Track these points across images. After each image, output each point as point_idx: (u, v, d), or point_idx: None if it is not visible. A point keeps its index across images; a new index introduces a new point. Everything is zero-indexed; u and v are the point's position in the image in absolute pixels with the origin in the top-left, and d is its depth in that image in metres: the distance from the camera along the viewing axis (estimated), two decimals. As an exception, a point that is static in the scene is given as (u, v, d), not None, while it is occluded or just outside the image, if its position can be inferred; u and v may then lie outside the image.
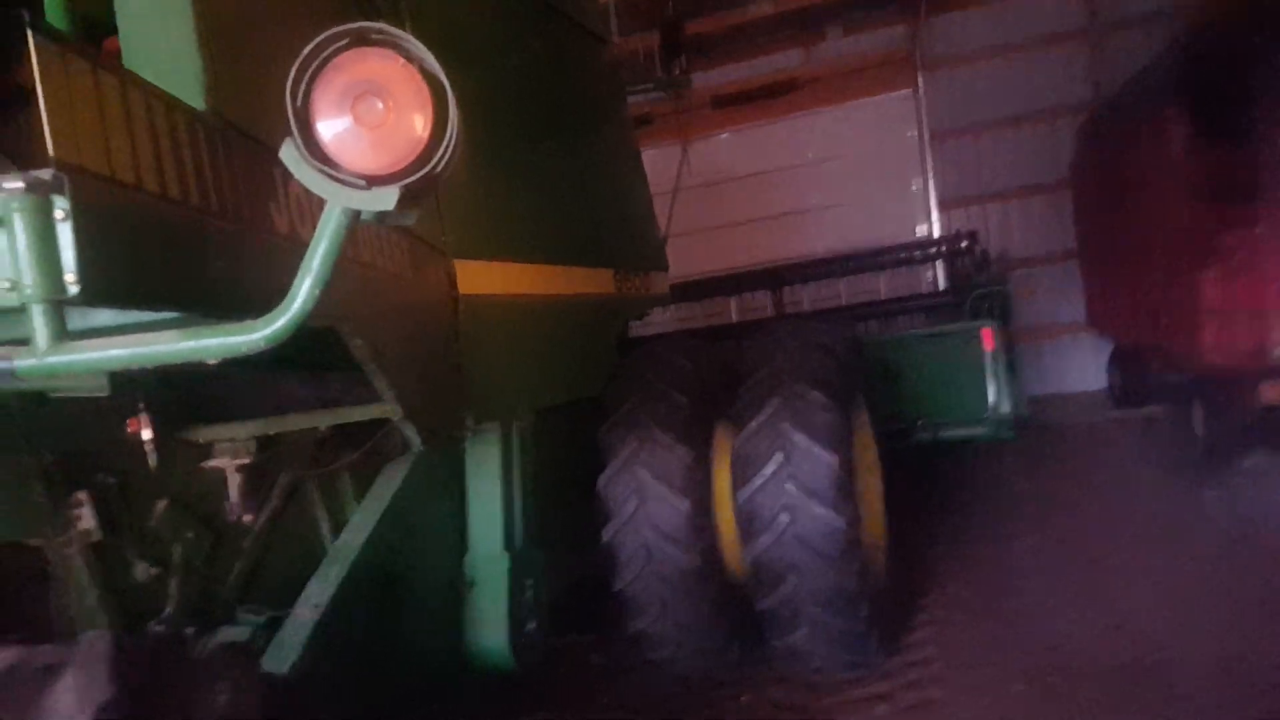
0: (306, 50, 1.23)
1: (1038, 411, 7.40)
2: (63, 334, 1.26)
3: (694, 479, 4.25)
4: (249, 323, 1.30)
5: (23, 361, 1.26)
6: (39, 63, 1.19)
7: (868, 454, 4.76)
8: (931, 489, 7.10)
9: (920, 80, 11.72)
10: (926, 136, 11.77)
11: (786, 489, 4.02)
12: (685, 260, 6.99)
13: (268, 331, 1.28)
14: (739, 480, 4.25)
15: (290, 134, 1.24)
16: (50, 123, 1.19)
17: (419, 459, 3.35)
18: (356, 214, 1.28)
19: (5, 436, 2.28)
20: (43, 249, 1.22)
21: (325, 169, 1.23)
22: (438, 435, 2.64)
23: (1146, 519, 6.26)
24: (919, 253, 8.38)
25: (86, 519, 2.43)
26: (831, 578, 4.03)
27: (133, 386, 2.54)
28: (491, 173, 3.23)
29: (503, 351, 3.29)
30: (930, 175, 11.81)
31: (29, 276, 1.22)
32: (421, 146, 1.24)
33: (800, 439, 4.03)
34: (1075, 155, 10.56)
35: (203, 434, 2.78)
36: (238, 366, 2.76)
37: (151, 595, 2.72)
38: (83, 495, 2.43)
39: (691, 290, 7.73)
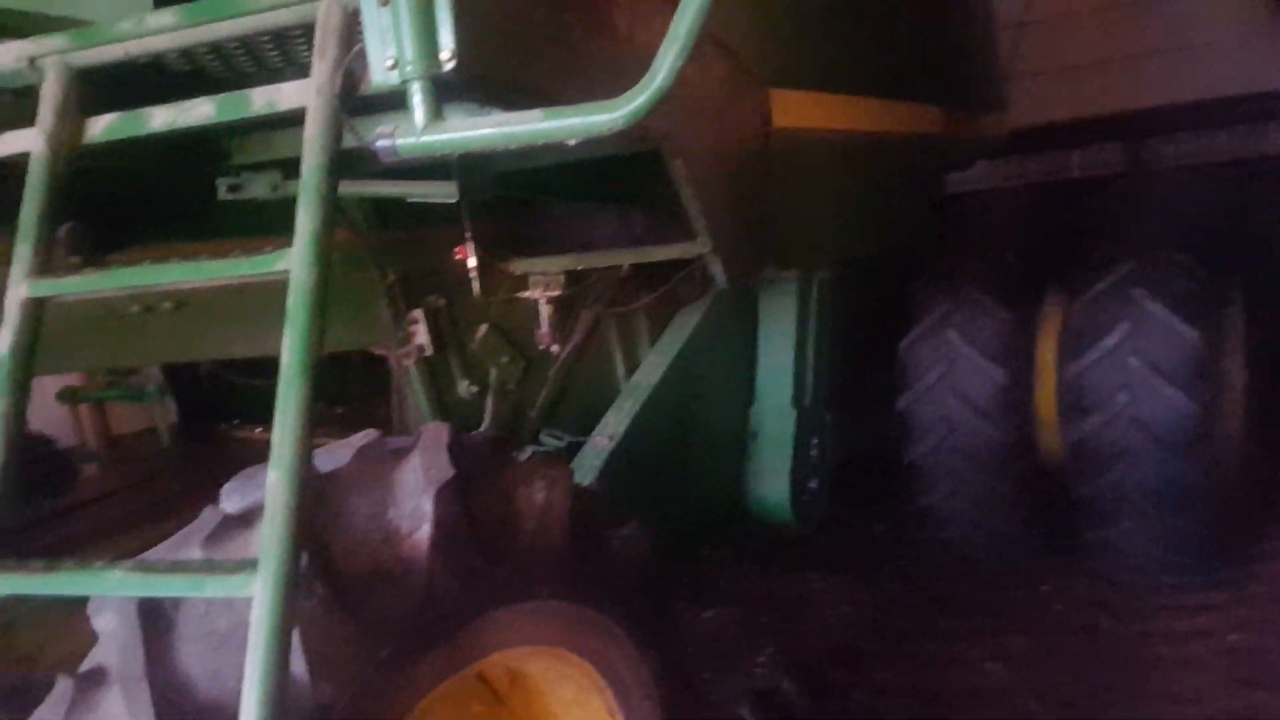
0: None
1: None
2: (438, 114, 1.27)
3: (1013, 347, 3.81)
4: (609, 101, 1.23)
5: (403, 140, 1.29)
6: None
7: (1234, 335, 3.99)
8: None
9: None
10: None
11: (1129, 364, 3.46)
12: (1022, 106, 6.13)
13: (629, 109, 1.22)
14: (1069, 352, 3.74)
15: None
16: None
17: (714, 304, 3.28)
18: None
19: (356, 256, 2.48)
20: (421, 22, 1.22)
21: None
22: (745, 274, 2.51)
23: None
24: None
25: (421, 335, 2.63)
26: (1171, 469, 3.48)
27: (461, 215, 2.65)
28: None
29: (813, 192, 3.03)
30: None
31: (409, 52, 1.24)
32: None
33: (1154, 308, 3.42)
34: None
35: (519, 265, 2.88)
36: (555, 197, 2.81)
37: (471, 411, 2.93)
38: (418, 313, 2.63)
39: (1028, 138, 6.78)
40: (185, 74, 1.71)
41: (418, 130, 1.27)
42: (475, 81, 1.32)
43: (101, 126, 1.40)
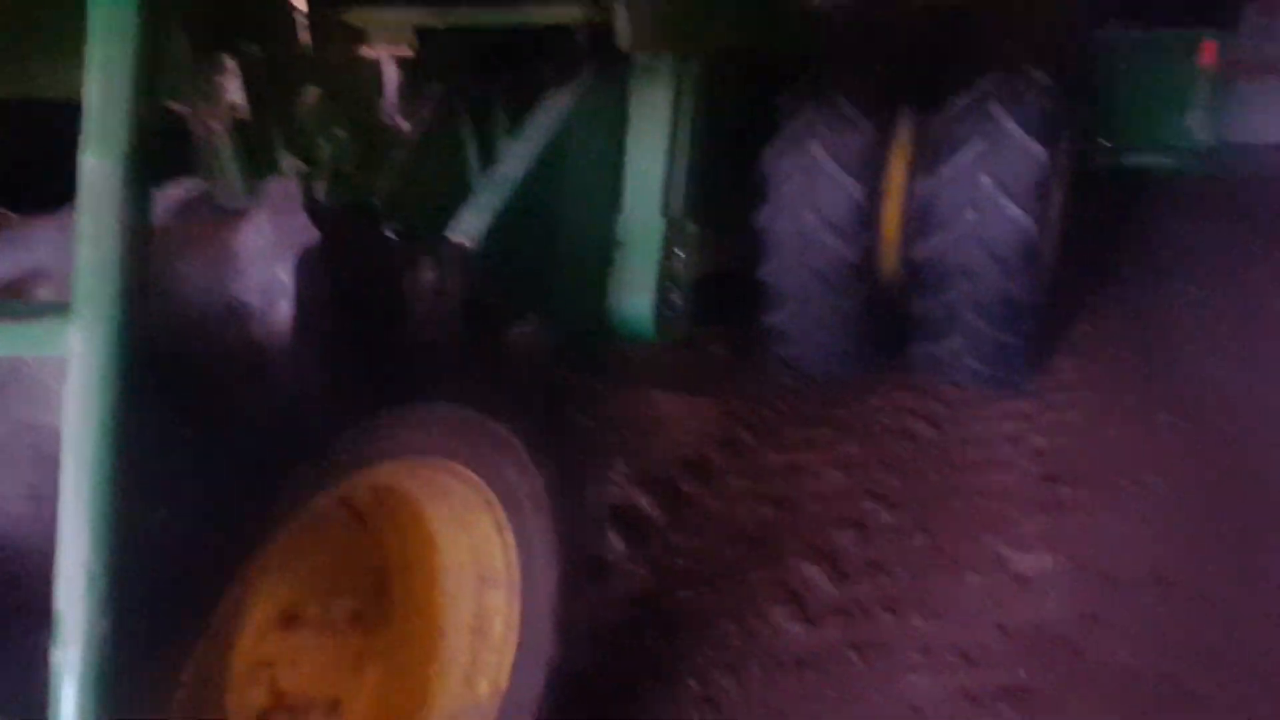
0: None
1: (1234, 154, 6.30)
2: None
3: (870, 162, 3.68)
4: None
5: None
6: None
7: (1063, 160, 4.05)
8: (1101, 215, 6.30)
9: None
10: None
11: (980, 181, 3.42)
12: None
13: None
14: (920, 168, 3.65)
15: None
16: None
17: (585, 91, 2.87)
18: None
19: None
20: None
21: None
22: (646, 44, 2.12)
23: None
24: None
25: (233, 91, 2.03)
26: (1004, 286, 3.55)
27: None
28: None
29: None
30: None
31: None
32: None
33: (1010, 125, 3.36)
34: None
35: (359, 15, 2.29)
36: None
37: (297, 194, 2.39)
38: (229, 63, 2.02)
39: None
40: None
41: None
42: None
43: None
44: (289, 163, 2.27)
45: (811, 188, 3.63)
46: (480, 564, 1.72)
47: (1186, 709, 2.25)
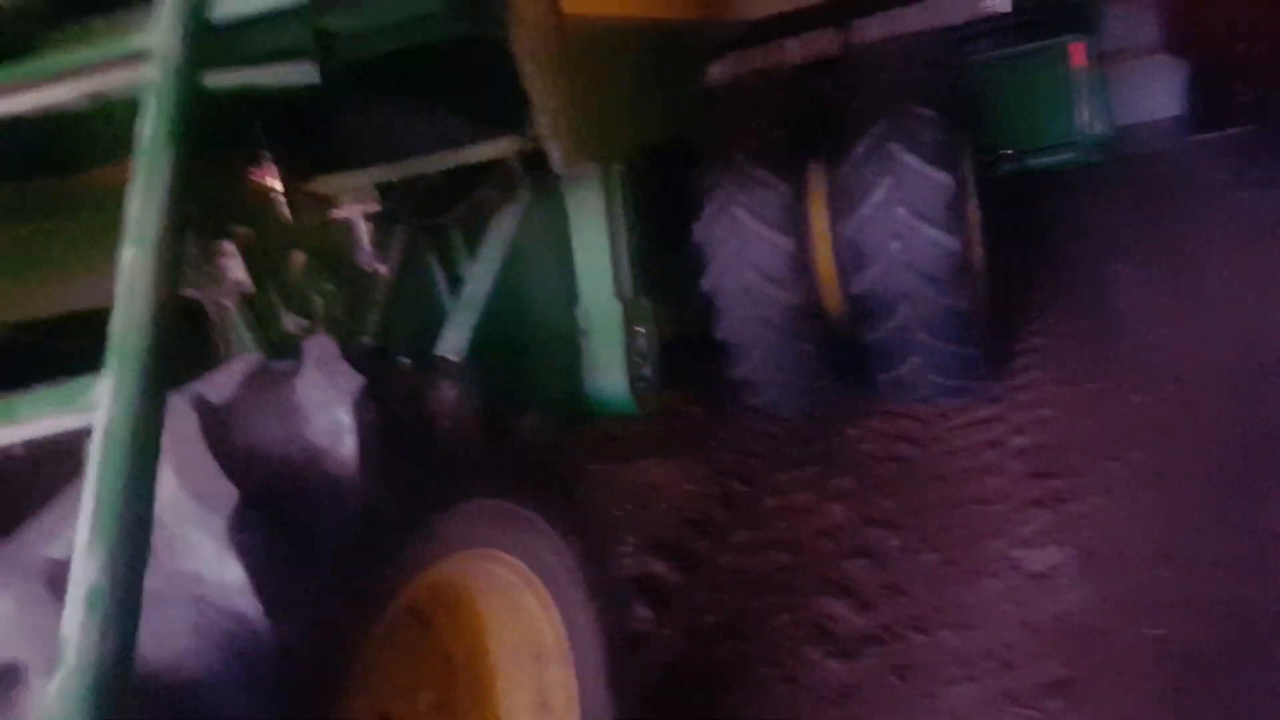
0: None
1: (1120, 138, 6.91)
2: None
3: (793, 217, 4.05)
4: None
5: None
6: None
7: (969, 178, 4.47)
8: (1021, 219, 6.79)
9: None
10: None
11: (897, 214, 3.80)
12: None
13: None
14: (840, 212, 4.03)
15: None
16: None
17: (527, 207, 3.19)
18: None
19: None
20: None
21: None
22: (574, 160, 2.44)
23: (1242, 233, 5.93)
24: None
25: (236, 269, 2.33)
26: (944, 302, 3.89)
27: (256, 135, 2.36)
28: None
29: (603, 80, 3.00)
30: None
31: None
32: None
33: (911, 160, 3.76)
34: None
35: (326, 184, 2.61)
36: (361, 101, 2.58)
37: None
38: (229, 246, 2.31)
39: (756, 32, 7.13)
40: None
41: None
42: None
43: None
44: (290, 320, 2.55)
45: (744, 248, 3.99)
46: (533, 642, 1.93)
47: (1222, 670, 2.30)
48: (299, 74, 1.59)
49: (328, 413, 1.38)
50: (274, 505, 1.29)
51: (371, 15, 1.84)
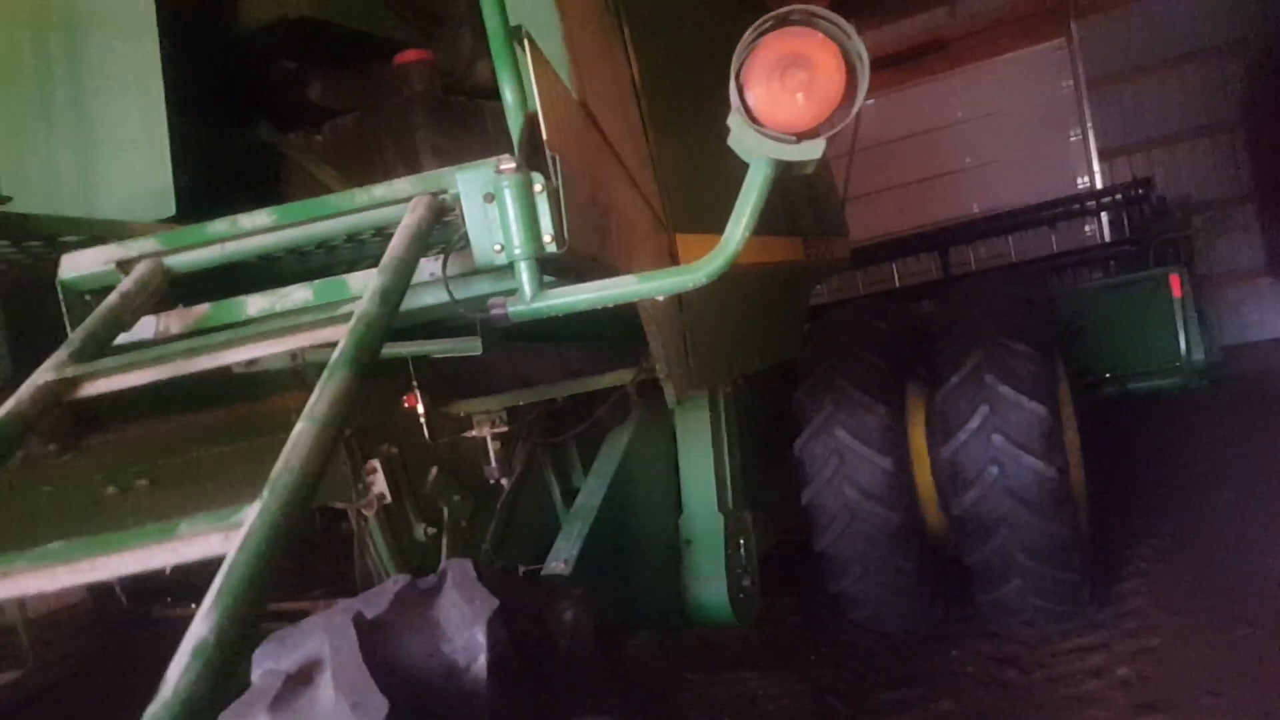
0: (746, 36, 1.39)
1: (1224, 362, 6.85)
2: (542, 284, 1.41)
3: (892, 438, 4.17)
4: (689, 266, 1.47)
5: (515, 307, 1.43)
6: (536, 75, 1.37)
7: (1066, 407, 4.54)
8: (1124, 442, 6.70)
9: (1074, 28, 10.98)
10: (1083, 85, 11.03)
11: (994, 441, 3.88)
12: (857, 226, 6.84)
13: (708, 269, 1.46)
14: (939, 436, 4.14)
15: (733, 103, 1.40)
16: (544, 115, 1.32)
17: (637, 428, 3.45)
18: (778, 165, 1.38)
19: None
20: (527, 216, 1.37)
21: (762, 130, 1.39)
22: (684, 392, 2.70)
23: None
24: (1093, 203, 7.87)
25: (379, 484, 2.62)
26: (1044, 528, 3.87)
27: (408, 367, 2.72)
28: (700, 150, 3.26)
29: (716, 319, 3.32)
30: (1089, 125, 11.06)
31: (516, 239, 1.39)
32: (837, 103, 1.38)
33: (1006, 391, 3.88)
34: (1250, 92, 9.67)
35: (463, 407, 2.94)
36: (496, 344, 2.95)
37: (427, 552, 2.91)
38: (375, 463, 2.63)
39: (861, 256, 7.59)
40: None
41: (528, 299, 1.41)
42: (567, 257, 1.47)
43: (195, 317, 1.43)
44: (421, 529, 2.81)
45: (844, 466, 4.11)
46: None
47: None
48: (464, 345, 1.90)
49: (464, 633, 1.57)
50: (417, 716, 1.47)
51: None
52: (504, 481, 3.07)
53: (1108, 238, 9.01)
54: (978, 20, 11.35)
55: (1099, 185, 10.68)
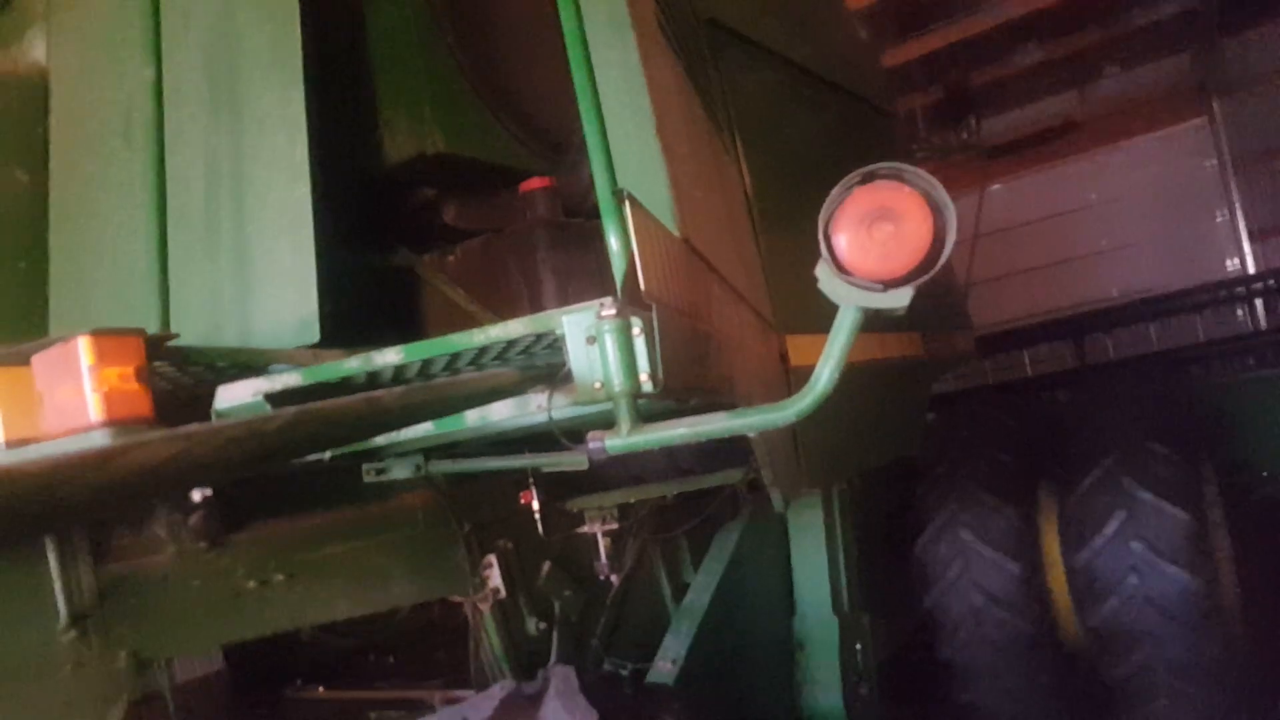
0: (834, 191, 1.47)
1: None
2: (638, 420, 1.48)
3: (1021, 540, 3.95)
4: (779, 404, 1.53)
5: (612, 441, 1.49)
6: (635, 222, 1.48)
7: (1215, 510, 4.18)
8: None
9: (1216, 106, 10.45)
10: (1229, 164, 10.42)
11: (1132, 548, 3.62)
12: (981, 312, 6.64)
13: (798, 408, 1.50)
14: (1072, 541, 3.89)
15: (822, 252, 1.47)
16: (643, 265, 1.45)
17: (749, 525, 3.41)
18: (865, 311, 1.47)
19: (437, 512, 2.62)
20: (626, 357, 1.46)
21: (850, 279, 1.45)
22: (792, 495, 2.68)
23: None
24: (1244, 288, 7.34)
25: (495, 578, 2.71)
26: (1191, 644, 3.55)
27: (524, 469, 2.82)
28: (807, 253, 3.29)
29: (829, 418, 3.28)
30: (1237, 204, 10.40)
31: (616, 378, 1.46)
32: (924, 253, 1.42)
33: (1144, 495, 3.63)
34: None
35: (577, 503, 3.01)
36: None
37: (537, 645, 2.95)
38: (492, 558, 2.72)
39: (988, 344, 7.34)
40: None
41: (624, 434, 1.48)
42: (664, 394, 1.53)
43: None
44: (533, 623, 2.86)
45: (970, 569, 3.91)
46: None
47: None
48: (571, 460, 1.97)
49: (565, 746, 1.60)
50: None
51: None
52: (614, 578, 3.09)
53: (1263, 324, 8.35)
54: (1109, 104, 10.99)
55: (1250, 268, 9.96)
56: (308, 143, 1.90)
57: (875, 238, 1.42)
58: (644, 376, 1.46)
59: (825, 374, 1.44)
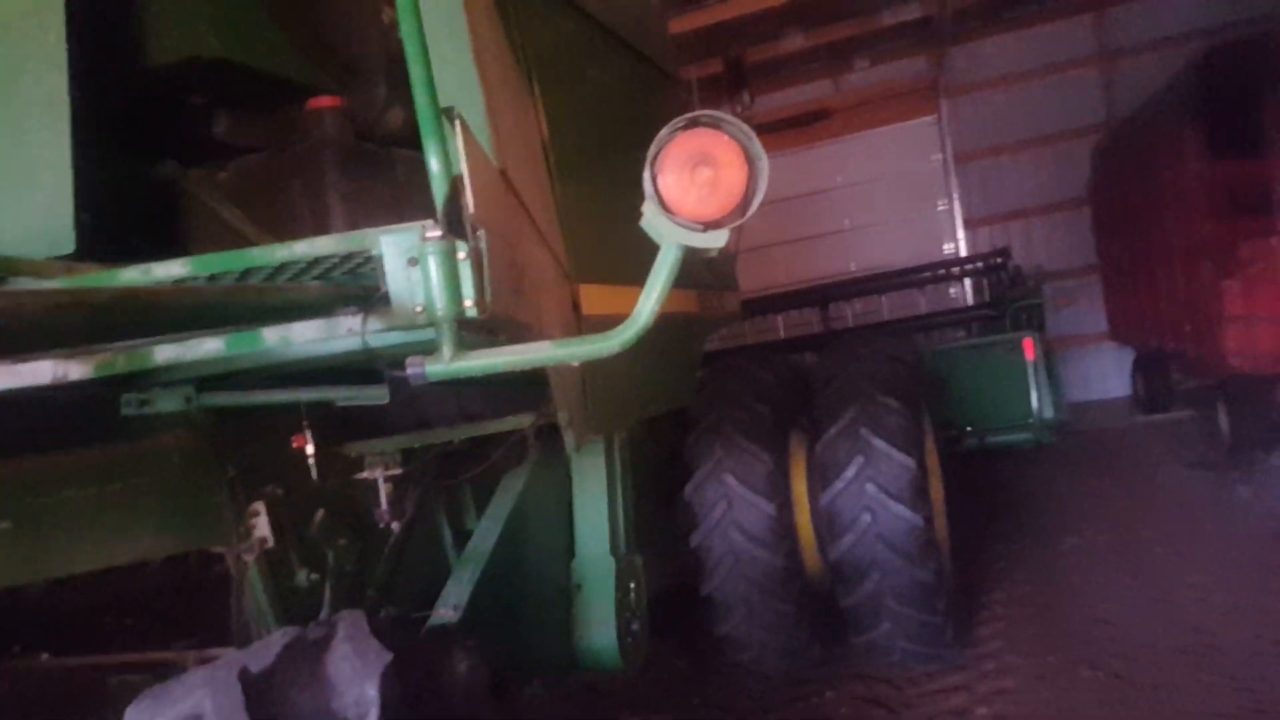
0: (661, 133, 1.49)
1: (1071, 418, 7.42)
2: (460, 346, 1.37)
3: (776, 484, 4.28)
4: (604, 335, 1.53)
5: (433, 366, 1.43)
6: (465, 151, 1.39)
7: (932, 458, 4.78)
8: (981, 493, 7.09)
9: (943, 107, 11.77)
10: (950, 159, 11.81)
11: (867, 490, 4.04)
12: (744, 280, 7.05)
13: (622, 338, 1.53)
14: (818, 484, 4.27)
15: (646, 191, 1.49)
16: (473, 191, 1.35)
17: (534, 471, 3.42)
18: (686, 249, 1.52)
19: (198, 454, 2.37)
20: (450, 280, 1.36)
21: (674, 218, 1.50)
22: (583, 439, 2.70)
23: (1183, 514, 6.23)
24: (959, 269, 8.41)
25: (262, 527, 2.51)
26: (912, 573, 4.04)
27: (297, 409, 2.62)
28: (600, 205, 3.31)
29: (615, 368, 3.35)
30: (955, 196, 11.84)
31: (439, 302, 1.40)
32: (739, 199, 1.51)
33: (879, 444, 4.06)
34: (1092, 174, 10.57)
35: (356, 448, 2.85)
36: (399, 389, 2.88)
37: (309, 598, 2.79)
38: (259, 505, 2.51)
39: (750, 307, 7.83)
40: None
41: (446, 360, 1.40)
42: (486, 321, 1.48)
43: (97, 363, 1.35)
44: (304, 574, 2.69)
45: (732, 511, 4.19)
46: None
47: None
48: (371, 395, 1.86)
49: (356, 688, 1.52)
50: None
51: None
52: (394, 525, 2.98)
53: (970, 301, 9.62)
54: (857, 94, 12.02)
55: (963, 252, 11.42)
56: (64, 28, 1.62)
57: (696, 180, 1.47)
58: (468, 302, 1.41)
59: (647, 308, 1.48)
